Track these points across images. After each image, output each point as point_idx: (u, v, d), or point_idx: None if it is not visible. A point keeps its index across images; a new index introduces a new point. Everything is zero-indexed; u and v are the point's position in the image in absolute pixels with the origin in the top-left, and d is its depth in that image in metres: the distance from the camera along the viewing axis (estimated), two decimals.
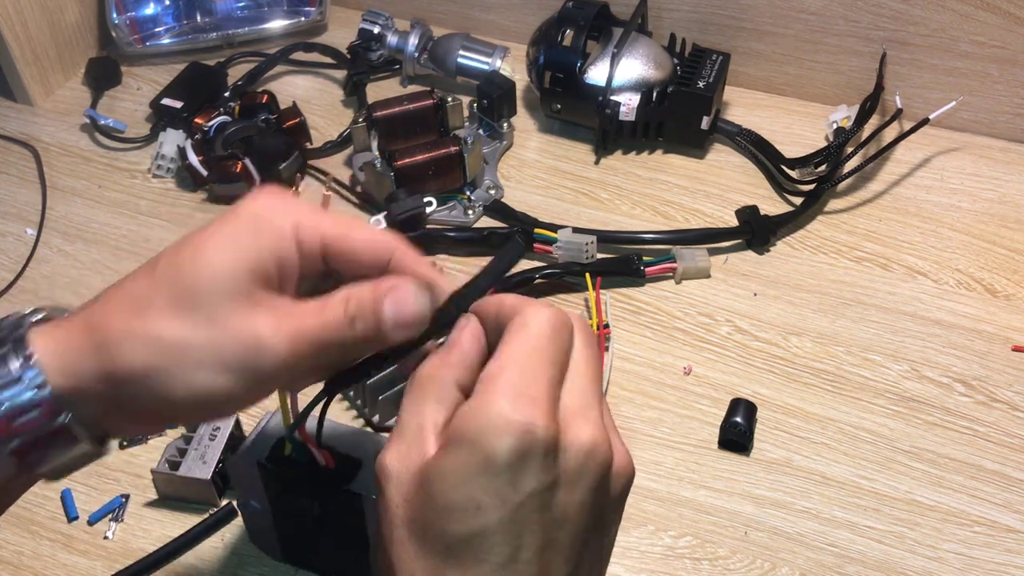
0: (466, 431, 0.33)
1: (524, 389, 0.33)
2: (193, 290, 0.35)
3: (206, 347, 0.35)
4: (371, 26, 0.89)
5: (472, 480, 0.33)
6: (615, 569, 0.58)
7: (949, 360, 0.69)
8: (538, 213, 0.79)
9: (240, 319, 0.35)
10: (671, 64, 0.83)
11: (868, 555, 0.58)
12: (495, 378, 0.34)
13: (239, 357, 0.35)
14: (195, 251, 0.36)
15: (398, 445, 0.35)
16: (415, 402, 0.36)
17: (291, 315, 0.36)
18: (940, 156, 0.85)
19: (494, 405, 0.33)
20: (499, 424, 0.32)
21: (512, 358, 0.34)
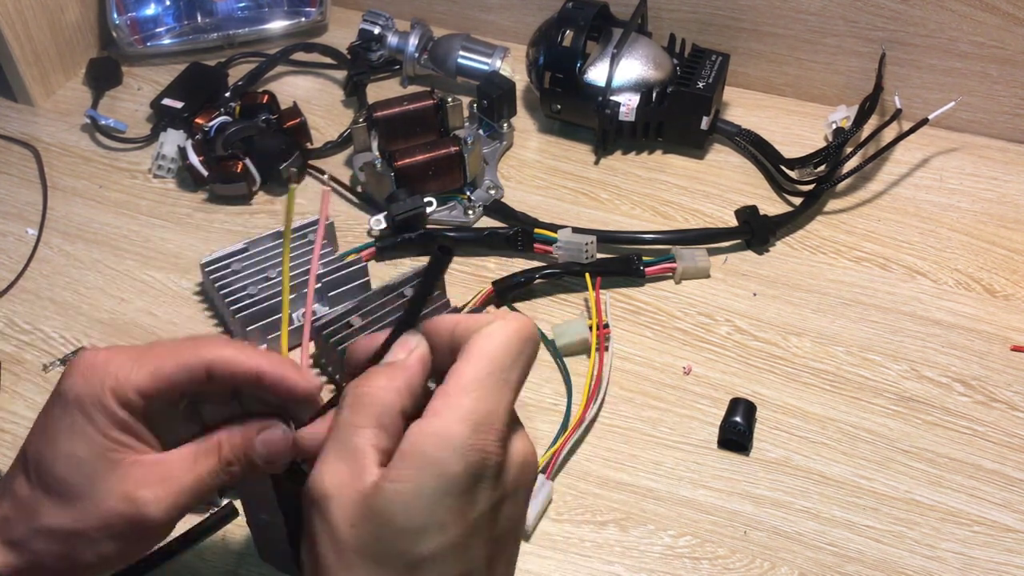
0: (427, 453, 0.34)
1: (485, 419, 0.35)
2: (65, 485, 0.39)
3: (97, 527, 0.39)
4: (371, 26, 0.90)
5: (436, 500, 0.34)
6: (615, 568, 0.58)
7: (948, 360, 0.69)
8: (538, 213, 0.79)
9: (118, 498, 0.38)
10: (671, 64, 0.83)
11: (867, 554, 0.59)
12: (457, 401, 0.35)
13: (127, 528, 0.39)
14: (50, 447, 0.39)
15: (335, 465, 0.36)
16: (356, 422, 0.36)
17: (167, 475, 0.39)
18: (939, 156, 0.85)
19: (456, 432, 0.34)
20: (461, 449, 0.34)
21: (476, 378, 0.35)
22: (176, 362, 0.40)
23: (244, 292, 0.68)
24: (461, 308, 0.68)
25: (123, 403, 0.39)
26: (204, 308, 0.72)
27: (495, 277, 0.73)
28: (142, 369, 0.40)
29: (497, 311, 0.38)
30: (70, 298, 0.73)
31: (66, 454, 0.39)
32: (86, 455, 0.39)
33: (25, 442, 0.41)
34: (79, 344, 0.69)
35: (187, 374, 0.40)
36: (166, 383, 0.40)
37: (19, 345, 0.70)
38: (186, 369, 0.40)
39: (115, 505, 0.38)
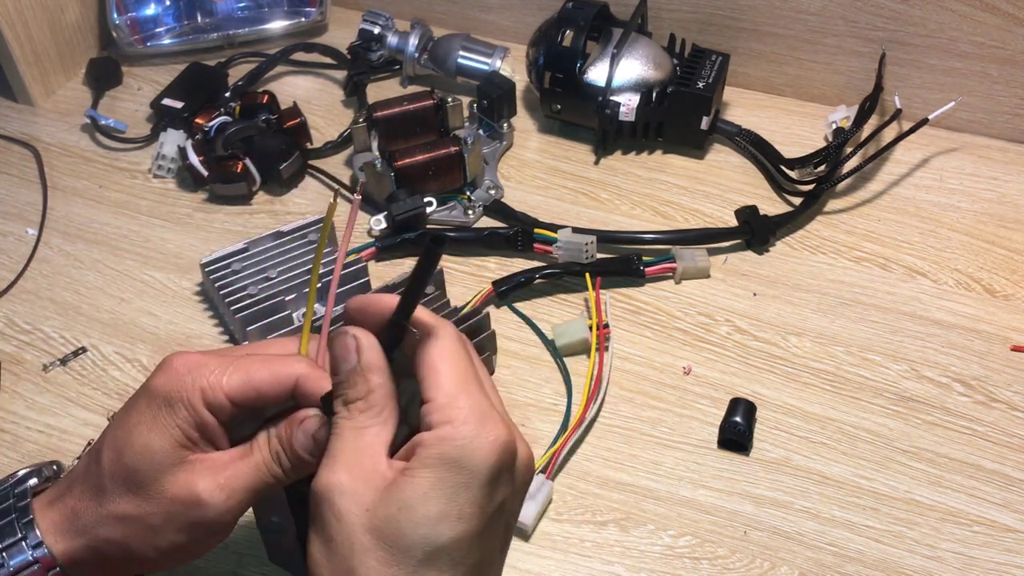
0: (448, 455, 0.36)
1: (482, 414, 0.37)
2: (136, 474, 0.41)
3: (159, 515, 0.41)
4: (371, 26, 0.90)
5: (456, 494, 0.36)
6: (615, 568, 0.58)
7: (948, 360, 0.69)
8: (538, 213, 0.79)
9: (181, 486, 0.41)
10: (671, 64, 0.83)
11: (867, 554, 0.59)
12: (452, 407, 0.37)
13: (187, 517, 0.41)
14: (128, 437, 0.41)
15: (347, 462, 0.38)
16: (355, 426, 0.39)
17: (224, 469, 0.41)
18: (939, 156, 0.85)
19: (469, 432, 0.37)
20: (480, 445, 0.36)
21: (454, 384, 0.38)
22: (268, 373, 0.42)
23: (244, 292, 0.68)
24: (461, 308, 0.68)
25: (210, 405, 0.41)
26: (204, 308, 0.72)
27: (495, 277, 0.73)
28: (235, 375, 0.41)
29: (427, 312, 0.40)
30: (70, 298, 0.73)
31: (142, 445, 0.41)
32: (160, 448, 0.41)
33: (102, 432, 0.43)
34: (79, 344, 0.69)
35: (277, 386, 0.42)
36: (255, 392, 0.41)
37: (19, 345, 0.70)
38: (277, 382, 0.42)
39: (177, 494, 0.40)
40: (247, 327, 0.67)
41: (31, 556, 0.41)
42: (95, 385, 0.67)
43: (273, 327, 0.68)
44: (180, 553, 0.42)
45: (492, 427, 0.37)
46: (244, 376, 0.41)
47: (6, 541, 0.41)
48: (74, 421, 0.65)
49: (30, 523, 0.42)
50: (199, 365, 0.42)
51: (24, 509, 0.42)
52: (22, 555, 0.41)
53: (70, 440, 0.64)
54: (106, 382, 0.67)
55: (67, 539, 0.42)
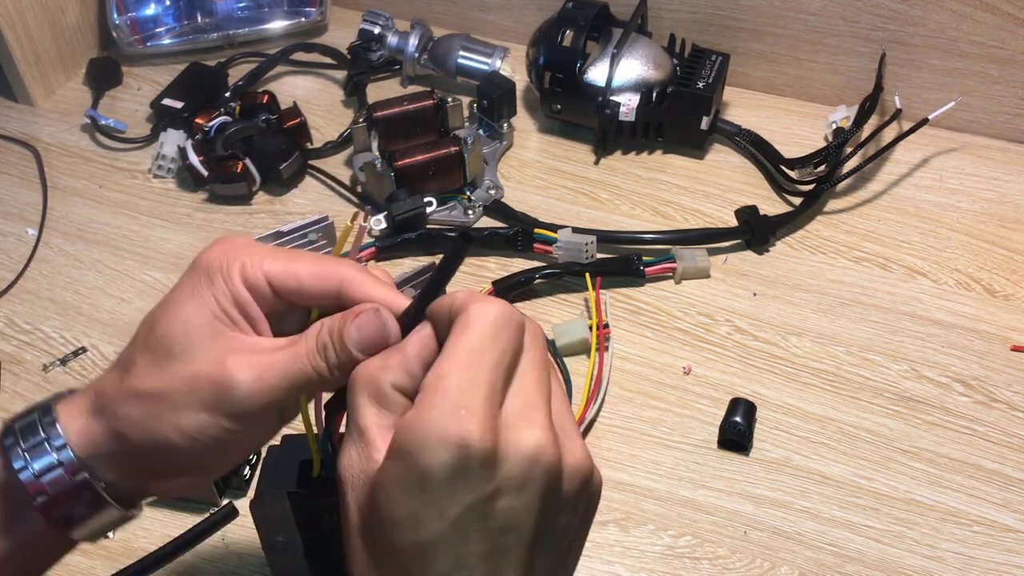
0: (404, 444, 0.33)
1: (461, 399, 0.33)
2: (167, 344, 0.38)
3: (183, 391, 0.37)
4: (371, 26, 0.90)
5: (412, 495, 0.33)
6: (615, 568, 0.58)
7: (948, 360, 0.69)
8: (538, 213, 0.79)
9: (210, 362, 0.38)
10: (671, 64, 0.83)
11: (867, 554, 0.59)
12: (434, 387, 0.34)
13: (212, 395, 0.37)
14: (164, 310, 0.39)
15: (348, 450, 0.36)
16: (355, 406, 0.36)
17: (262, 351, 0.38)
18: (939, 156, 0.85)
19: (431, 418, 0.33)
20: (434, 439, 0.32)
21: (452, 364, 0.34)
22: (312, 267, 0.40)
23: None
24: None
25: (249, 284, 0.39)
26: None
27: (495, 277, 0.73)
28: (276, 260, 0.39)
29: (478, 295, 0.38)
30: (70, 298, 0.73)
31: (176, 315, 0.38)
32: (194, 319, 0.38)
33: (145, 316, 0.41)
34: (79, 344, 0.69)
35: (320, 281, 0.39)
36: (295, 281, 0.39)
37: (19, 345, 0.70)
38: (319, 277, 0.39)
39: (204, 367, 0.38)
40: None
41: (55, 459, 0.38)
42: None
43: None
44: (207, 444, 0.38)
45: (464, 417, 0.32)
46: (287, 263, 0.39)
47: (29, 441, 0.39)
48: None
49: (52, 423, 0.39)
50: (245, 245, 0.40)
51: (46, 408, 0.40)
52: (47, 457, 0.38)
53: None
54: None
55: (87, 421, 0.39)
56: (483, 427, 0.33)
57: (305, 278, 0.39)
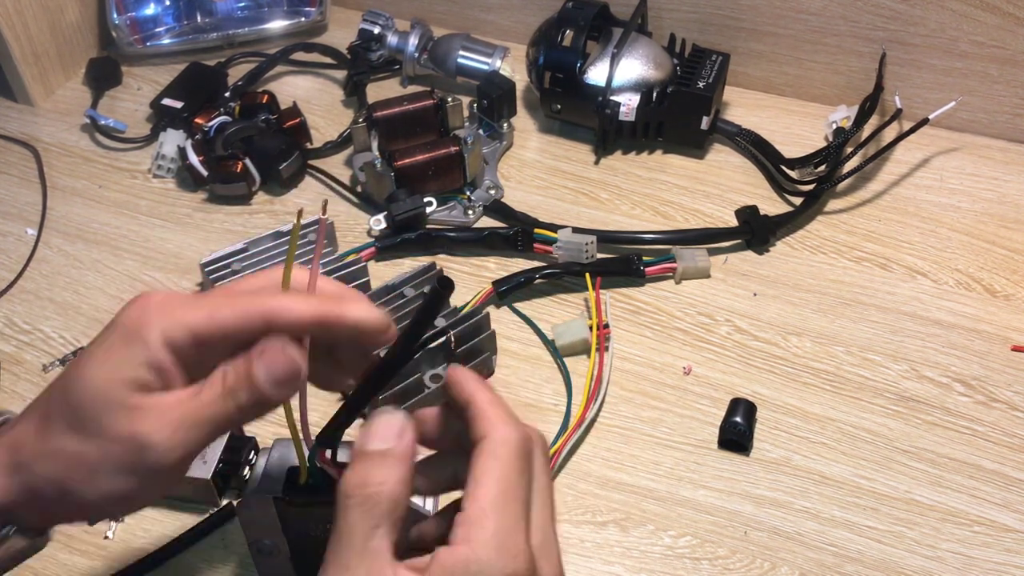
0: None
1: (506, 540, 0.36)
2: (80, 408, 0.38)
3: (98, 455, 0.38)
4: (371, 26, 0.89)
5: None
6: (615, 568, 0.58)
7: (948, 360, 0.69)
8: (538, 213, 0.79)
9: (123, 426, 0.37)
10: (671, 64, 0.83)
11: (867, 554, 0.59)
12: (480, 525, 0.36)
13: (128, 459, 0.38)
14: (79, 370, 0.39)
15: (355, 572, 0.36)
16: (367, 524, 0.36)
17: (171, 409, 0.38)
18: (939, 156, 0.85)
19: (484, 558, 0.35)
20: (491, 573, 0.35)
21: (491, 500, 0.36)
22: (233, 309, 0.39)
23: None
24: (461, 308, 0.68)
25: (171, 342, 0.38)
26: None
27: (495, 277, 0.73)
28: (199, 311, 0.38)
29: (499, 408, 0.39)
30: (70, 298, 0.73)
31: (88, 378, 0.38)
32: (105, 388, 0.38)
33: None
34: (79, 344, 0.69)
35: (243, 322, 0.39)
36: (219, 329, 0.38)
37: (19, 345, 0.70)
38: (243, 317, 0.39)
39: (118, 434, 0.37)
40: None
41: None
42: None
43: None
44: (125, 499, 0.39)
45: (512, 556, 0.36)
46: (208, 312, 0.39)
47: None
48: None
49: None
50: (165, 303, 0.39)
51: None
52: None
53: None
54: None
55: (3, 475, 0.39)
56: (528, 567, 0.36)
57: (227, 323, 0.39)
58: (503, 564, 0.35)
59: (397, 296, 0.68)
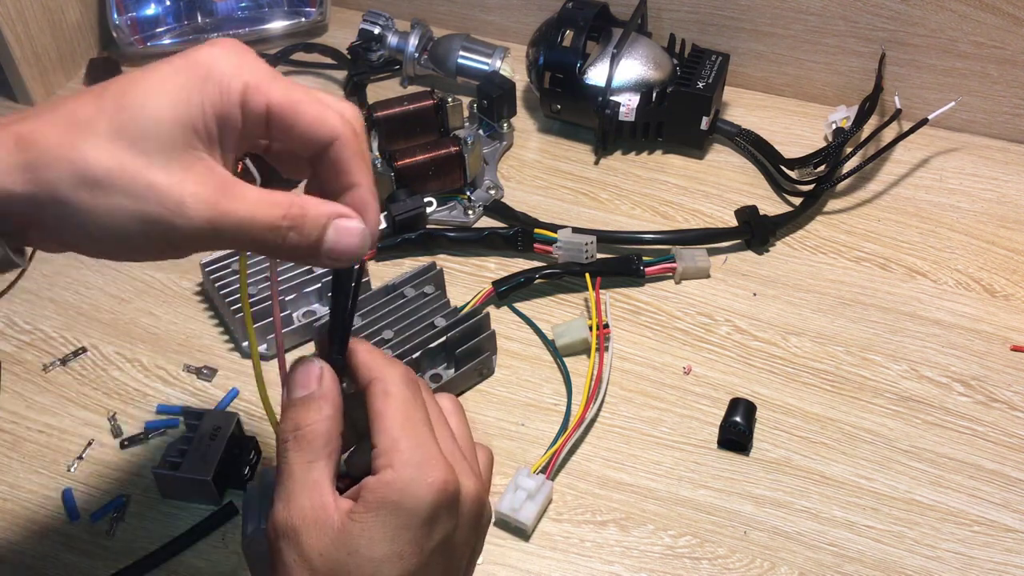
0: (389, 496, 0.38)
1: (421, 457, 0.39)
2: (138, 127, 0.34)
3: (132, 192, 0.34)
4: (371, 26, 0.90)
5: (397, 535, 0.38)
6: (615, 568, 0.58)
7: (948, 360, 0.69)
8: (538, 213, 0.79)
9: (170, 175, 0.34)
10: (671, 64, 0.83)
11: (867, 554, 0.59)
12: (393, 450, 0.39)
13: (157, 213, 0.34)
14: (145, 91, 0.35)
15: (299, 500, 0.38)
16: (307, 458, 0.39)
17: (226, 193, 0.35)
18: (939, 156, 0.85)
19: (407, 477, 0.38)
20: (418, 488, 0.38)
21: (398, 429, 0.39)
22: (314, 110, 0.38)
23: None
24: (461, 308, 0.68)
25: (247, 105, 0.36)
26: (204, 308, 0.72)
27: (495, 277, 0.73)
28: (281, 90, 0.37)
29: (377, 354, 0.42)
30: (70, 298, 0.73)
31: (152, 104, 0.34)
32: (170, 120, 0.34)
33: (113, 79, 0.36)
34: (79, 344, 0.70)
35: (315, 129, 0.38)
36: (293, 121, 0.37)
37: (19, 345, 0.70)
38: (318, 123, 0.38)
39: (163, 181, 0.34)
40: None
41: None
42: (95, 385, 0.67)
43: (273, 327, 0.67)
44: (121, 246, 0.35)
45: (431, 469, 0.38)
46: (291, 98, 0.37)
47: None
48: (74, 421, 0.65)
49: None
50: (254, 59, 0.37)
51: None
52: None
53: (70, 440, 0.64)
54: (106, 382, 0.67)
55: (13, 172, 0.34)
56: (449, 473, 0.39)
57: (304, 120, 0.37)
58: (425, 474, 0.38)
59: (397, 296, 0.68)
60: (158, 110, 0.34)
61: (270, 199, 0.36)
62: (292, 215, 0.36)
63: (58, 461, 0.62)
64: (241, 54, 0.37)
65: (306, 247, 0.37)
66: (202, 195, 0.35)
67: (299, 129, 0.38)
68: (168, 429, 0.64)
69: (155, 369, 0.68)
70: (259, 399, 0.66)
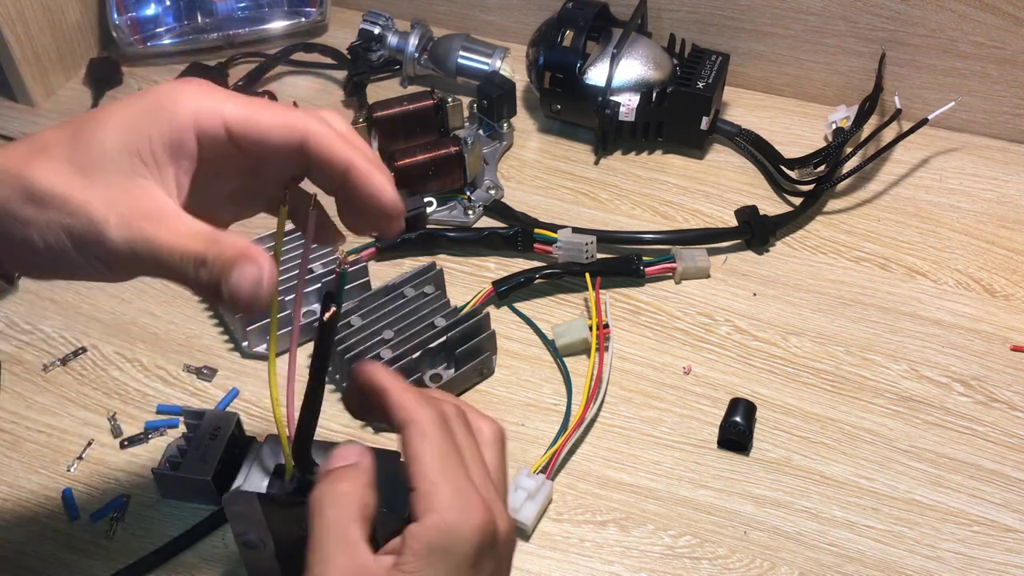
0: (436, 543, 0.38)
1: (464, 499, 0.38)
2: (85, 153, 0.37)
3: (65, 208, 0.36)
4: (371, 26, 0.90)
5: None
6: (615, 568, 0.58)
7: (948, 360, 0.69)
8: (538, 213, 0.79)
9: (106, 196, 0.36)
10: (671, 64, 0.83)
11: (867, 554, 0.59)
12: (433, 496, 0.38)
13: (84, 229, 0.36)
14: (101, 122, 0.37)
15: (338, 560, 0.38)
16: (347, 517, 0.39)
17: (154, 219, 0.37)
18: (939, 156, 0.85)
19: (450, 521, 0.38)
20: (464, 530, 0.38)
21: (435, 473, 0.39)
22: (275, 117, 0.39)
23: None
24: (461, 308, 0.68)
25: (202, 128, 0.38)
26: (204, 308, 0.72)
27: (495, 277, 0.73)
28: (238, 107, 0.38)
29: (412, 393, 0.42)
30: (70, 298, 0.73)
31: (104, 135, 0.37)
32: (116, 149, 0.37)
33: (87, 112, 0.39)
34: (79, 344, 0.69)
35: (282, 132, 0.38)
36: (257, 131, 0.38)
37: (19, 345, 0.70)
38: (283, 127, 0.38)
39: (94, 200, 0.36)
40: (247, 327, 0.67)
41: None
42: (95, 385, 0.67)
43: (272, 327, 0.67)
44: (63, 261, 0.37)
45: (473, 512, 0.38)
46: (249, 111, 0.38)
47: None
48: (74, 421, 0.65)
49: None
50: (206, 87, 0.38)
51: None
52: None
53: (70, 440, 0.64)
54: (106, 382, 0.67)
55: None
56: (489, 514, 0.39)
57: (268, 128, 0.38)
58: (468, 518, 0.38)
59: (397, 296, 0.68)
60: (106, 139, 0.37)
61: (195, 232, 0.37)
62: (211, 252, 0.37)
63: (58, 461, 0.62)
64: (199, 85, 0.39)
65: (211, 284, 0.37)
66: (127, 217, 0.36)
67: (264, 138, 0.39)
68: (168, 429, 0.64)
69: (155, 369, 0.68)
70: (259, 399, 0.66)
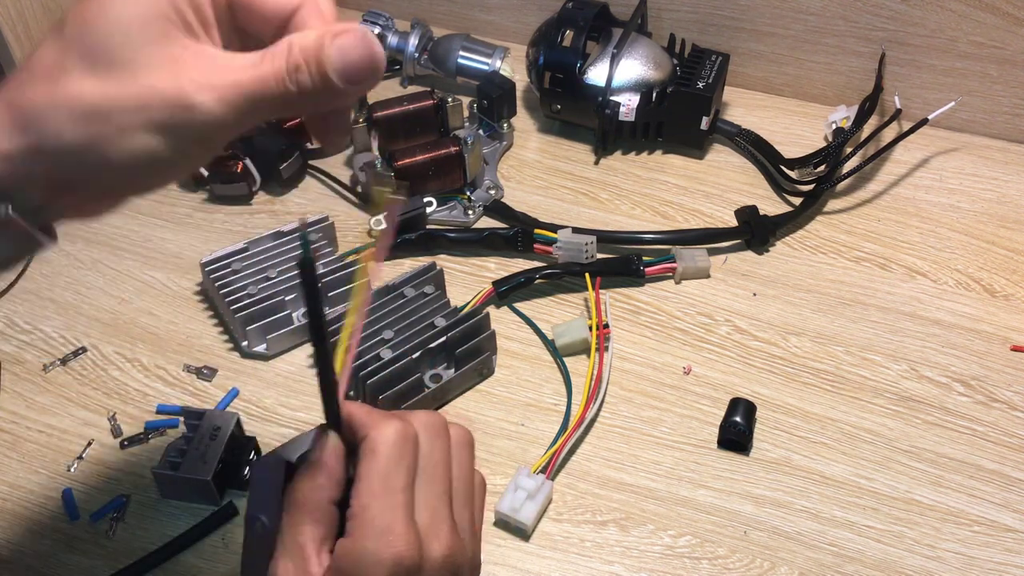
0: (346, 568, 0.37)
1: (385, 526, 0.37)
2: (106, 45, 0.32)
3: (132, 106, 0.32)
4: (371, 26, 0.89)
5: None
6: (615, 568, 0.58)
7: (948, 360, 0.69)
8: (538, 213, 0.79)
9: (163, 73, 0.32)
10: (671, 64, 0.83)
11: (867, 554, 0.59)
12: (360, 517, 0.38)
13: (167, 116, 0.33)
14: (104, 8, 0.33)
15: (284, 563, 0.38)
16: (294, 523, 0.39)
17: (222, 68, 0.33)
18: (939, 156, 0.85)
19: (364, 547, 0.37)
20: (372, 562, 0.37)
21: (371, 494, 0.38)
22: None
23: (244, 292, 0.68)
24: (461, 308, 0.68)
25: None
26: (204, 308, 0.72)
27: (495, 277, 0.73)
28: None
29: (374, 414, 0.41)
30: (70, 298, 0.73)
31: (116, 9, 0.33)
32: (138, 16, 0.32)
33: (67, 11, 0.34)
34: (79, 344, 0.69)
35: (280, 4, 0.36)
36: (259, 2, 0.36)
37: (19, 345, 0.70)
38: None
39: (157, 81, 0.32)
40: (247, 327, 0.67)
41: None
42: (95, 385, 0.67)
43: (273, 327, 0.68)
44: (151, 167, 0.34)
45: (388, 543, 0.37)
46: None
47: None
48: (74, 421, 0.65)
49: None
50: None
51: None
52: None
53: (70, 440, 0.64)
54: (106, 382, 0.67)
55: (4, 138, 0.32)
56: (408, 547, 0.37)
57: None
58: (380, 548, 0.37)
59: (397, 296, 0.68)
60: (122, 20, 0.33)
61: (260, 56, 0.34)
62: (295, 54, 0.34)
63: (58, 461, 0.62)
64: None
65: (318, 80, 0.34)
66: (201, 79, 0.33)
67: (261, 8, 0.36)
68: (168, 429, 0.64)
69: (155, 369, 0.68)
70: (259, 399, 0.66)
